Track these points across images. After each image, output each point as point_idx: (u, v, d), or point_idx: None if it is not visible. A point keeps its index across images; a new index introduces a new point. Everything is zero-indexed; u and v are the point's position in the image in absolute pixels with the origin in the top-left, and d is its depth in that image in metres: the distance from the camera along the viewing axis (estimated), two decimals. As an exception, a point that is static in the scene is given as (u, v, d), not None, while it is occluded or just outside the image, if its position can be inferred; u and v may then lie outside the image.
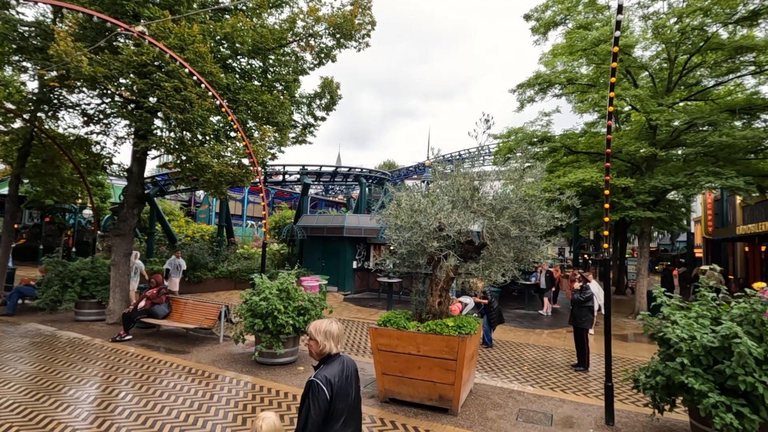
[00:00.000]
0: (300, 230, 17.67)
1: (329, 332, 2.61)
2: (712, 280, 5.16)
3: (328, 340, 2.60)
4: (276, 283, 7.21)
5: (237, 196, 34.69)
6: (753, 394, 3.90)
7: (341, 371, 2.55)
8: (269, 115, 10.23)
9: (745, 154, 12.07)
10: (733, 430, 3.84)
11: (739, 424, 3.84)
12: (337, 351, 2.62)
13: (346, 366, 2.61)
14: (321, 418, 2.39)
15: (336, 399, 2.45)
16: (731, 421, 3.82)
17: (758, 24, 11.41)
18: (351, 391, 2.59)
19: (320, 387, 2.41)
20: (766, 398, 3.82)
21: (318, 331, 2.59)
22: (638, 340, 10.15)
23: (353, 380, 2.64)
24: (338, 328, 2.66)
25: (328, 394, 2.42)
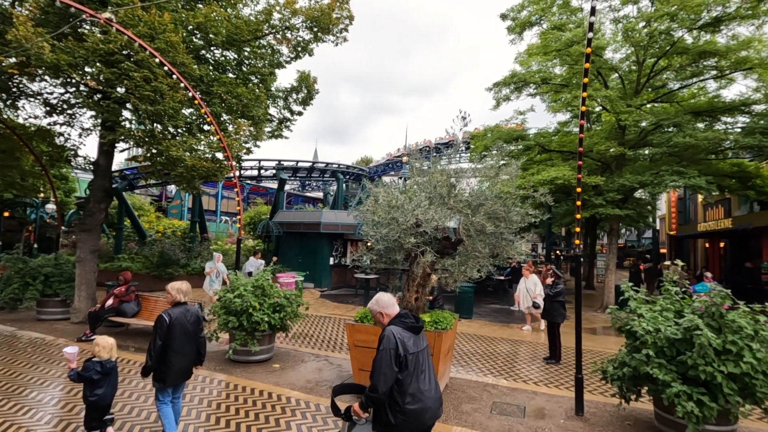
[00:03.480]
0: (276, 226, 17.43)
1: (180, 289, 4.11)
2: (676, 275, 5.38)
3: (179, 293, 4.09)
4: (251, 280, 7.09)
5: (210, 191, 33.90)
6: (712, 383, 4.11)
7: (183, 312, 4.05)
8: (244, 109, 10.01)
9: (707, 154, 12.64)
10: (693, 417, 4.03)
11: (699, 411, 4.03)
12: (184, 300, 4.13)
13: (187, 310, 4.11)
14: (163, 338, 3.86)
15: (174, 327, 3.91)
16: (692, 408, 4.01)
17: (720, 30, 11.95)
18: (188, 326, 4.03)
19: (163, 317, 3.90)
20: (724, 387, 4.03)
21: (173, 288, 4.10)
22: (607, 333, 10.52)
23: (193, 320, 4.11)
24: (187, 287, 4.19)
25: (167, 321, 3.88)
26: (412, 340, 2.85)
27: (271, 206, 22.02)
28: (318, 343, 8.53)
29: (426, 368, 2.90)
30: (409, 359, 2.77)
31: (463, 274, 5.57)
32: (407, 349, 2.78)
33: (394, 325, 2.90)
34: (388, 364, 2.71)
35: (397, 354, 2.74)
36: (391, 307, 3.04)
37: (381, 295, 3.13)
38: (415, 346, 2.85)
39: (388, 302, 3.05)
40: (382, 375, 2.70)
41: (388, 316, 3.00)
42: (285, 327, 7.07)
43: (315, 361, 7.21)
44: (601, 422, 5.07)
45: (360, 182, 28.28)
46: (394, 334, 2.80)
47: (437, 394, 2.91)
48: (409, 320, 2.95)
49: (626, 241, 39.99)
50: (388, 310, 3.02)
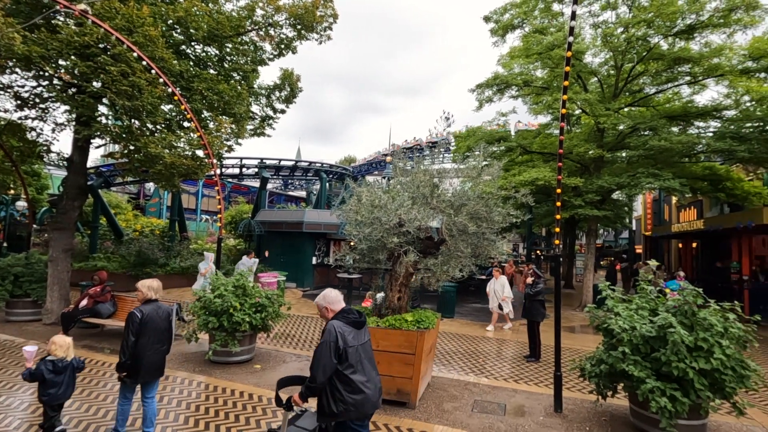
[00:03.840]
0: (258, 225, 17.22)
1: (150, 286, 4.20)
2: (650, 274, 5.54)
3: (149, 291, 4.16)
4: (231, 279, 6.99)
5: (190, 189, 33.26)
6: (684, 379, 4.24)
7: (155, 309, 4.13)
8: (226, 106, 9.85)
9: (681, 157, 13.03)
10: (666, 412, 4.15)
11: (672, 406, 4.16)
12: (155, 298, 4.19)
13: (159, 307, 4.20)
14: (135, 334, 3.92)
15: (146, 323, 3.98)
16: (665, 404, 4.13)
17: (694, 38, 12.34)
18: (160, 322, 4.12)
19: (135, 314, 3.96)
20: (695, 382, 4.16)
21: (143, 286, 4.18)
22: (585, 332, 10.75)
23: (165, 317, 4.19)
24: (158, 284, 4.29)
25: (138, 318, 3.95)
26: (352, 334, 3.06)
27: (253, 205, 21.75)
28: (300, 344, 8.47)
29: (367, 361, 3.11)
30: (349, 352, 2.97)
31: (446, 273, 5.61)
32: (347, 342, 2.98)
33: (336, 319, 3.11)
34: (327, 356, 2.89)
35: (337, 347, 2.93)
36: (337, 303, 3.23)
37: (329, 291, 3.30)
38: (355, 339, 3.06)
39: (335, 299, 3.25)
40: (321, 366, 2.88)
41: (332, 311, 3.20)
42: (266, 327, 6.99)
43: (297, 362, 7.15)
44: (578, 418, 5.17)
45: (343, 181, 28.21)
46: (335, 327, 3.00)
47: (377, 385, 3.13)
48: (352, 315, 3.16)
49: (604, 242, 40.94)
50: (334, 306, 3.21)
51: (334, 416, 2.93)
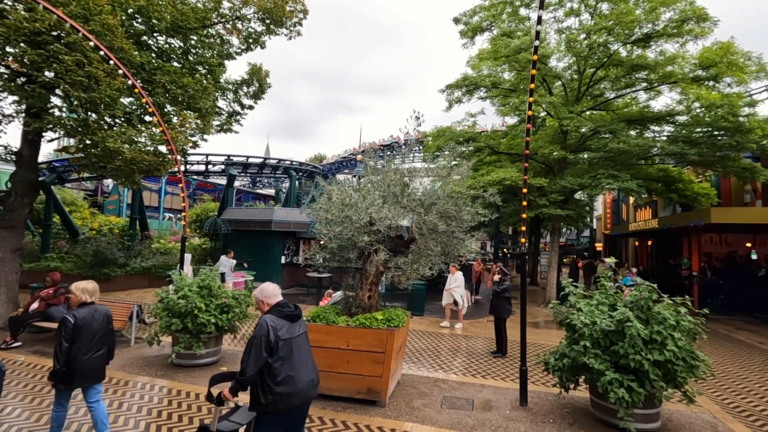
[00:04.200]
0: (224, 224, 16.77)
1: (85, 288, 3.98)
2: (609, 271, 5.80)
3: (84, 293, 3.95)
4: (196, 280, 6.77)
5: (153, 186, 31.97)
6: (640, 370, 4.46)
7: (91, 313, 3.91)
8: (190, 100, 9.53)
9: (638, 160, 13.70)
10: (624, 402, 4.36)
11: (629, 397, 4.37)
12: (90, 300, 3.98)
13: (96, 310, 3.96)
14: (69, 340, 3.72)
15: (81, 328, 3.77)
16: (623, 395, 4.34)
17: (650, 46, 12.98)
18: (96, 326, 3.90)
19: (68, 319, 3.77)
20: (650, 373, 4.39)
21: (77, 288, 3.96)
22: (549, 327, 11.13)
23: (102, 320, 3.96)
24: (93, 286, 4.06)
25: (72, 323, 3.74)
26: (285, 328, 3.11)
27: (220, 203, 21.15)
28: (268, 344, 8.30)
29: (300, 354, 3.17)
30: (280, 345, 3.02)
31: (416, 272, 5.66)
32: (279, 336, 3.04)
33: (270, 313, 3.16)
34: (258, 350, 2.95)
35: (268, 340, 2.99)
36: (273, 297, 3.29)
37: (267, 285, 3.36)
38: (288, 333, 3.12)
39: (272, 293, 3.30)
40: (251, 360, 2.93)
41: (268, 305, 3.25)
42: (233, 328, 6.82)
43: (265, 363, 7.01)
44: (542, 411, 5.35)
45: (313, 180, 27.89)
46: (267, 321, 3.05)
47: (310, 377, 3.17)
48: (287, 309, 3.22)
49: (567, 240, 42.51)
50: (270, 300, 3.27)
51: (263, 407, 3.00)
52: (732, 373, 7.57)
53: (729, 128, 11.72)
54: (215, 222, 16.92)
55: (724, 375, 7.42)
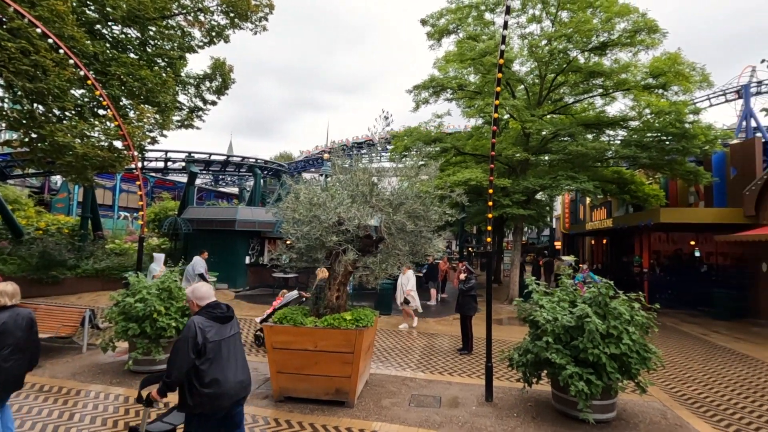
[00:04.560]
0: (185, 223, 16.15)
1: (4, 291, 3.70)
2: (569, 269, 6.05)
3: (3, 296, 3.68)
4: (155, 282, 6.48)
5: (107, 183, 30.33)
6: (598, 364, 4.68)
7: (12, 317, 3.64)
8: (149, 94, 9.11)
9: (594, 162, 14.35)
10: (583, 395, 4.55)
11: (588, 389, 4.57)
12: (11, 304, 3.71)
13: (18, 314, 3.70)
14: None
15: (3, 334, 3.55)
16: (583, 387, 4.53)
17: (606, 54, 13.63)
18: (18, 331, 3.64)
19: None
20: (607, 366, 4.61)
21: None
22: (512, 323, 11.46)
23: (25, 325, 3.71)
24: (13, 288, 3.77)
25: None
26: (214, 329, 3.10)
27: (180, 201, 20.35)
28: (232, 347, 8.07)
29: (230, 355, 3.15)
30: (208, 347, 3.01)
31: (384, 271, 5.66)
32: (207, 337, 3.02)
33: (198, 315, 3.15)
34: (184, 351, 2.93)
35: (195, 342, 2.97)
36: (204, 299, 3.26)
37: (200, 285, 3.35)
38: (218, 334, 3.10)
39: (204, 294, 3.28)
40: (177, 361, 2.92)
41: (198, 306, 3.24)
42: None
43: (229, 367, 6.80)
44: (507, 406, 5.50)
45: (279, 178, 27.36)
46: (194, 323, 3.03)
47: (239, 379, 3.16)
48: (218, 311, 3.21)
49: (528, 239, 43.98)
50: (201, 302, 3.25)
51: (190, 409, 2.98)
52: (678, 363, 8.09)
53: (676, 134, 12.53)
54: (175, 221, 16.27)
55: (672, 365, 7.91)
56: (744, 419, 5.43)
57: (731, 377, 7.28)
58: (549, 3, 13.48)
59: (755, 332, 11.37)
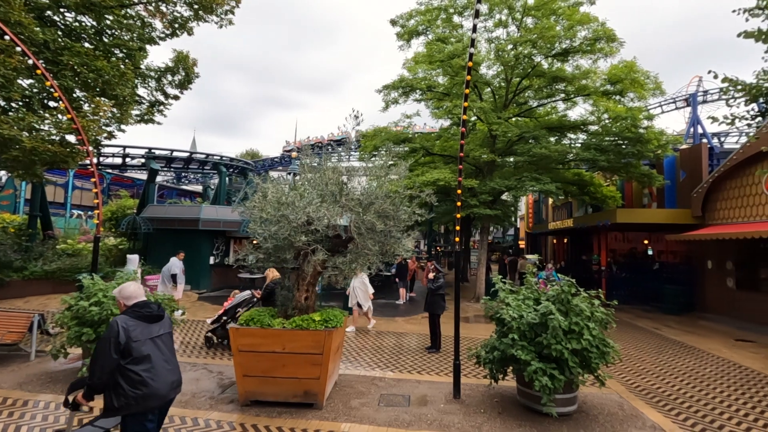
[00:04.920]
0: (145, 222, 15.47)
1: None
2: (533, 267, 6.24)
3: None
4: (113, 284, 6.16)
5: (58, 179, 28.58)
6: (561, 359, 4.84)
7: None
8: (105, 86, 8.65)
9: (556, 164, 14.88)
10: (547, 389, 4.70)
11: (551, 384, 4.72)
12: None
13: None
14: None
15: None
16: (546, 382, 4.68)
17: (568, 60, 14.17)
18: None
19: None
20: (569, 361, 4.78)
21: None
22: (478, 321, 11.70)
23: None
24: None
25: None
26: (140, 329, 3.05)
27: (139, 199, 19.47)
28: (195, 351, 7.81)
29: (158, 355, 3.10)
30: (132, 347, 2.95)
31: (354, 271, 5.63)
32: (131, 337, 2.96)
33: (123, 314, 3.11)
34: (107, 352, 2.87)
35: (118, 342, 2.91)
36: (132, 298, 3.22)
37: (127, 285, 3.29)
38: (143, 333, 3.05)
39: (132, 293, 3.23)
40: (99, 363, 2.86)
41: (125, 306, 3.20)
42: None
43: (192, 371, 6.58)
44: (474, 402, 5.60)
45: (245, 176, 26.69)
46: (118, 323, 2.98)
47: (170, 379, 3.11)
48: (145, 310, 3.15)
49: (494, 238, 45.05)
50: (128, 301, 3.21)
51: (116, 411, 2.92)
52: (634, 357, 8.52)
53: (632, 138, 13.19)
54: (134, 220, 15.55)
55: (628, 359, 8.31)
56: (692, 407, 5.79)
57: (681, 368, 7.74)
58: (515, 9, 13.86)
59: (702, 325, 12.16)
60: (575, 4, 13.42)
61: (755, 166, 11.69)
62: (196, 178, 39.95)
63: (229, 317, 8.00)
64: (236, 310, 8.07)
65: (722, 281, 13.18)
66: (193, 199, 34.27)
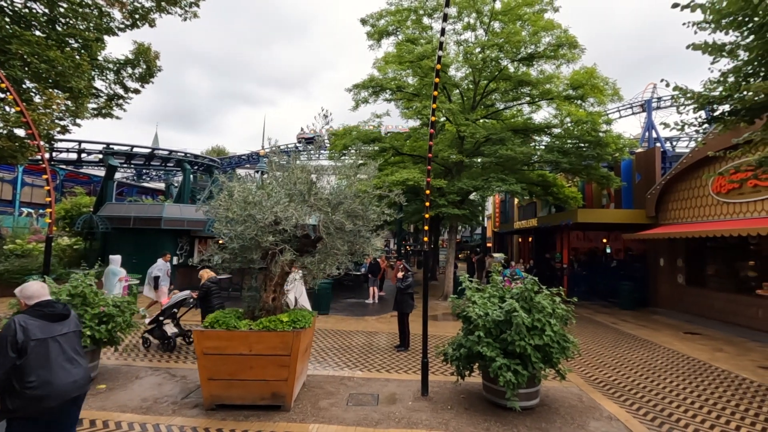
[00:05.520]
0: (102, 221, 14.76)
1: None
2: (500, 265, 6.42)
3: None
4: (67, 286, 5.85)
5: (6, 175, 26.80)
6: (524, 355, 5.01)
7: None
8: (59, 78, 8.20)
9: (522, 165, 15.33)
10: (511, 384, 4.85)
11: (515, 379, 4.88)
12: None
13: None
14: None
15: None
16: (510, 377, 4.83)
17: (533, 65, 14.62)
18: None
19: None
20: (532, 357, 4.95)
21: None
22: (447, 319, 11.90)
23: None
24: None
25: None
26: (40, 328, 2.99)
27: (97, 197, 18.55)
28: (158, 355, 7.54)
29: (60, 354, 3.04)
30: (30, 346, 2.89)
31: (323, 271, 5.61)
32: (29, 336, 2.91)
33: (24, 313, 3.05)
34: (3, 351, 2.80)
35: (15, 341, 2.85)
36: (33, 298, 3.16)
37: (30, 284, 3.22)
38: (43, 332, 2.99)
39: (33, 293, 3.17)
40: None
41: (27, 305, 3.14)
42: (114, 340, 6.05)
43: (153, 376, 6.35)
44: (442, 399, 5.70)
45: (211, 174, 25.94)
46: (15, 321, 2.92)
47: (71, 379, 3.05)
48: (47, 309, 3.10)
49: (462, 237, 45.86)
50: (29, 301, 3.15)
51: (10, 413, 2.83)
52: (593, 350, 8.91)
53: (592, 141, 13.78)
54: (90, 219, 14.81)
55: (587, 353, 8.69)
56: (645, 398, 6.13)
57: (635, 360, 8.16)
58: (483, 13, 14.16)
59: (654, 319, 12.87)
60: (540, 11, 13.87)
61: (703, 169, 12.48)
62: (158, 175, 38.46)
63: (166, 317, 7.86)
64: (173, 310, 7.95)
65: (673, 278, 13.99)
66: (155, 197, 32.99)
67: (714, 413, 5.58)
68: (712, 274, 12.80)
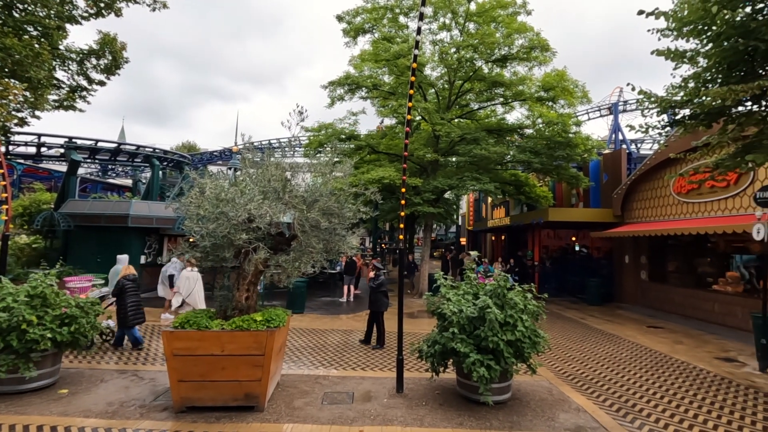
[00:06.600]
0: (64, 218, 14.09)
1: None
2: (473, 263, 6.53)
3: None
4: (25, 287, 5.57)
5: (-44, 170, 25.11)
6: (497, 350, 5.11)
7: None
8: (16, 67, 7.77)
9: (495, 165, 15.61)
10: (484, 379, 4.94)
11: (488, 374, 4.97)
12: None
13: None
14: None
15: None
16: (483, 373, 4.92)
17: (506, 67, 14.89)
18: None
19: None
20: (504, 352, 5.06)
21: None
22: (421, 316, 12.00)
23: None
24: None
25: None
26: None
27: (58, 193, 17.68)
28: (124, 357, 7.28)
29: None
30: None
31: (297, 270, 5.55)
32: None
33: None
34: None
35: None
36: None
37: None
38: None
39: None
40: None
41: None
42: (77, 343, 5.79)
43: (120, 378, 6.13)
44: (417, 395, 5.75)
45: (181, 170, 25.18)
46: None
47: None
48: None
49: (437, 235, 46.34)
50: None
51: None
52: (562, 345, 9.19)
53: (562, 142, 14.17)
54: (51, 216, 14.11)
55: (557, 347, 8.95)
56: (610, 389, 6.37)
57: (602, 354, 8.47)
58: (458, 14, 14.30)
59: (619, 314, 13.39)
60: (513, 14, 14.13)
61: (665, 170, 13.06)
62: (125, 171, 37.05)
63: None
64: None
65: (637, 274, 14.59)
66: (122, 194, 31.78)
67: (674, 403, 5.86)
68: (673, 270, 13.43)
